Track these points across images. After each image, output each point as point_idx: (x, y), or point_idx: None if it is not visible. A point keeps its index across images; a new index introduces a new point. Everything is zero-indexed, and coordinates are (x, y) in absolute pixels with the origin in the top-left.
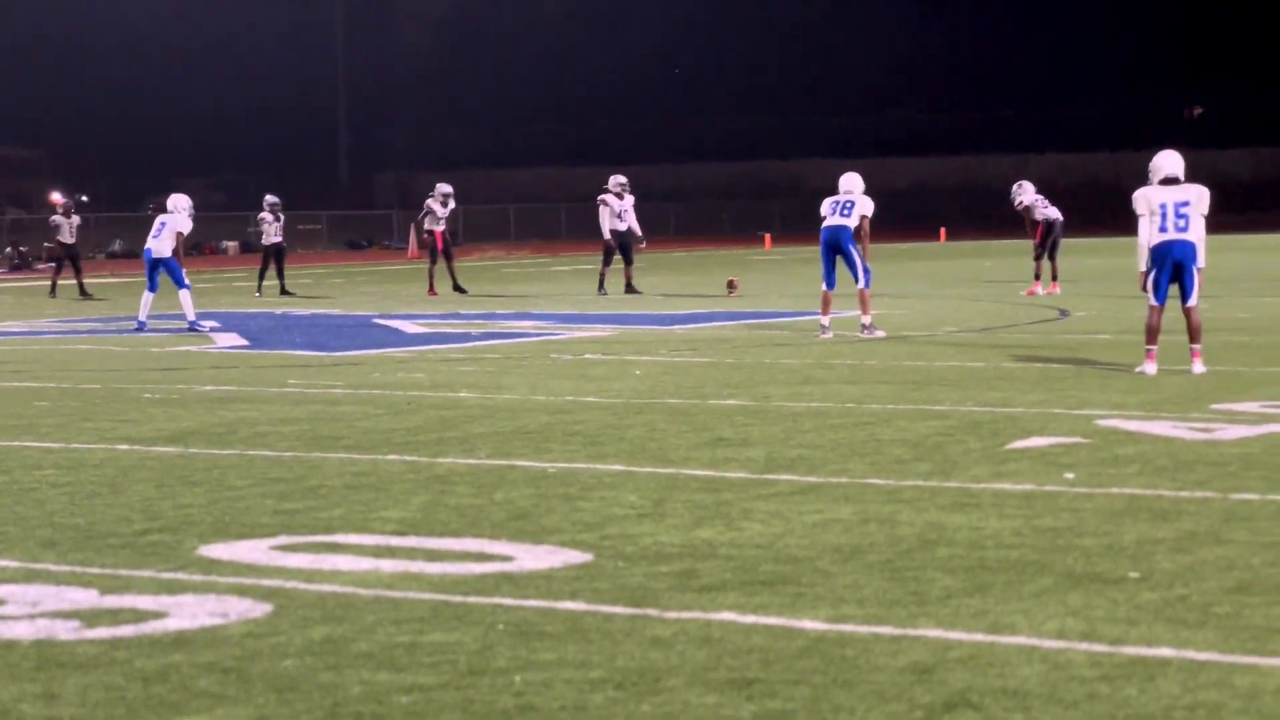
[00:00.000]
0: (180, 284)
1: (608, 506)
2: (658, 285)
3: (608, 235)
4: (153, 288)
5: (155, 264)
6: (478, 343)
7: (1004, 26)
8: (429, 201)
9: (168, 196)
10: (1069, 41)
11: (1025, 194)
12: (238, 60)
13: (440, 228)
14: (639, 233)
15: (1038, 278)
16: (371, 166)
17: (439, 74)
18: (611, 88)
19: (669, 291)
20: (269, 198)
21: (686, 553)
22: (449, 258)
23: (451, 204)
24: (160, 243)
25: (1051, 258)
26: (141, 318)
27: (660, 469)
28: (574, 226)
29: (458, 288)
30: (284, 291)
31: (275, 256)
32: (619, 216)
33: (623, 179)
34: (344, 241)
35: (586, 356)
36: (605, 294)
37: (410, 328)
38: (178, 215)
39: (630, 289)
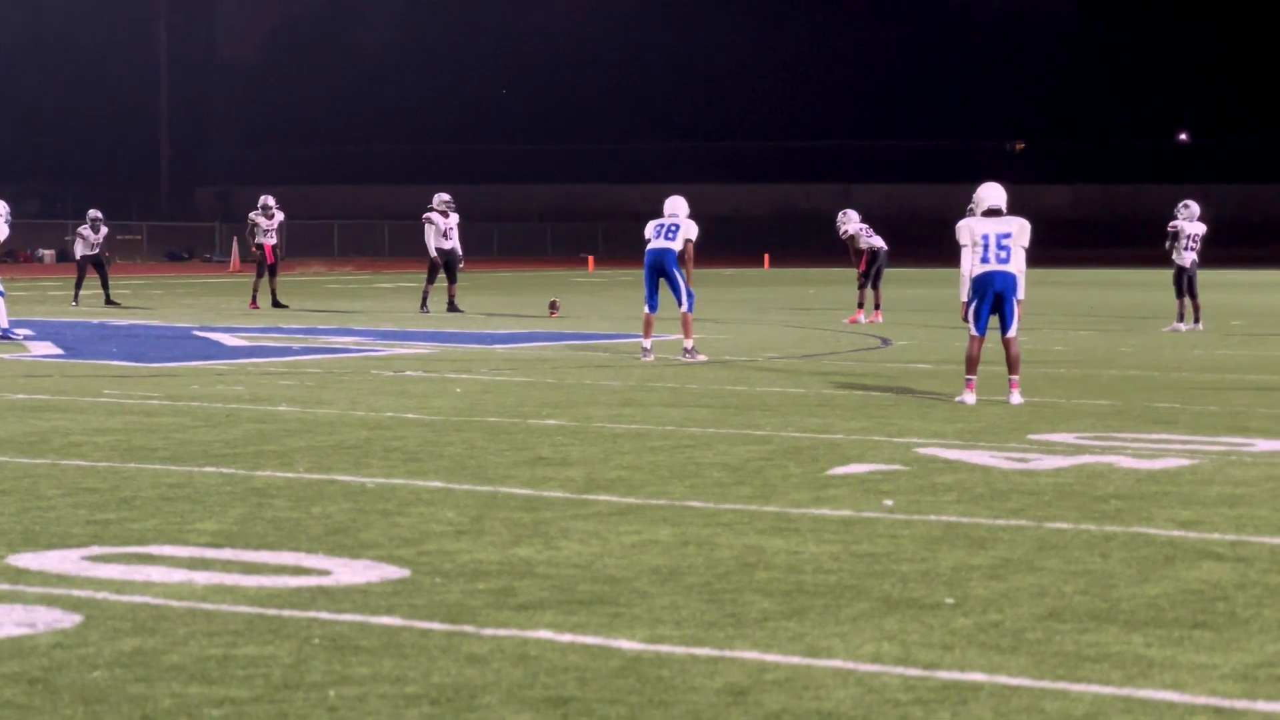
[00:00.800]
0: None
1: (426, 523)
2: (480, 304)
3: (433, 253)
4: None
5: None
6: (298, 357)
7: (830, 57)
8: (252, 215)
9: None
10: (894, 73)
11: (850, 223)
12: (55, 68)
13: (270, 240)
14: (460, 252)
15: (860, 306)
16: (193, 179)
17: (262, 89)
18: (437, 108)
19: (491, 311)
20: (91, 212)
21: (504, 570)
22: (273, 273)
23: (278, 215)
24: None
25: (875, 286)
26: None
27: (479, 486)
28: (397, 244)
29: (277, 303)
30: (109, 301)
31: (97, 267)
32: (444, 235)
33: (447, 197)
34: (164, 253)
35: (407, 373)
36: (428, 311)
37: (230, 340)
38: None
39: (453, 307)
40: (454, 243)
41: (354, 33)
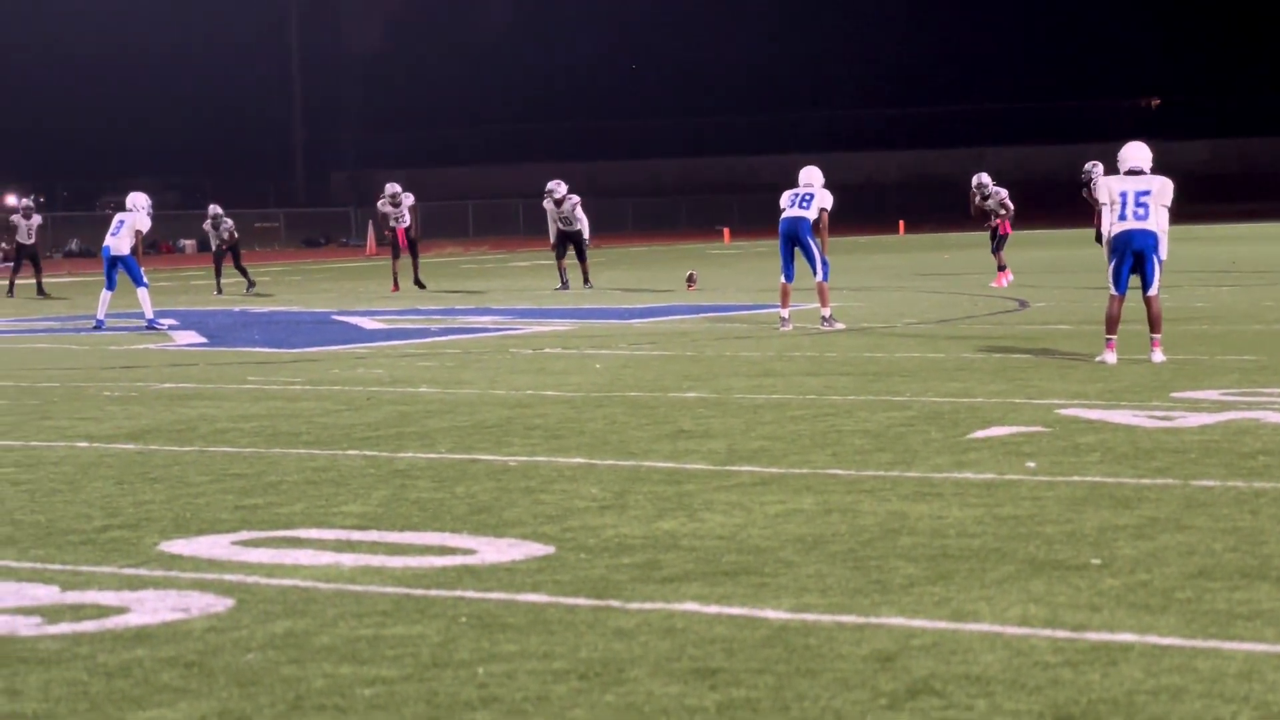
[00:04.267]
0: (138, 282)
1: (569, 499)
2: (616, 280)
3: (551, 236)
4: (111, 286)
5: (114, 262)
6: (437, 338)
7: (959, 21)
8: (380, 205)
9: (124, 195)
10: (1025, 34)
11: (990, 184)
12: (192, 60)
13: (402, 224)
14: (586, 231)
15: (1002, 269)
16: (327, 164)
17: (392, 73)
18: (569, 84)
19: (628, 286)
20: (211, 208)
21: (649, 544)
22: (414, 254)
23: (409, 199)
24: (119, 240)
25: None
26: (100, 316)
27: (621, 461)
28: (531, 222)
29: (418, 283)
30: (247, 282)
31: (231, 254)
32: (561, 220)
33: (552, 183)
34: (301, 239)
35: (546, 351)
36: (567, 288)
37: (369, 324)
38: (137, 213)
39: (586, 283)
40: (579, 225)
41: (478, 11)
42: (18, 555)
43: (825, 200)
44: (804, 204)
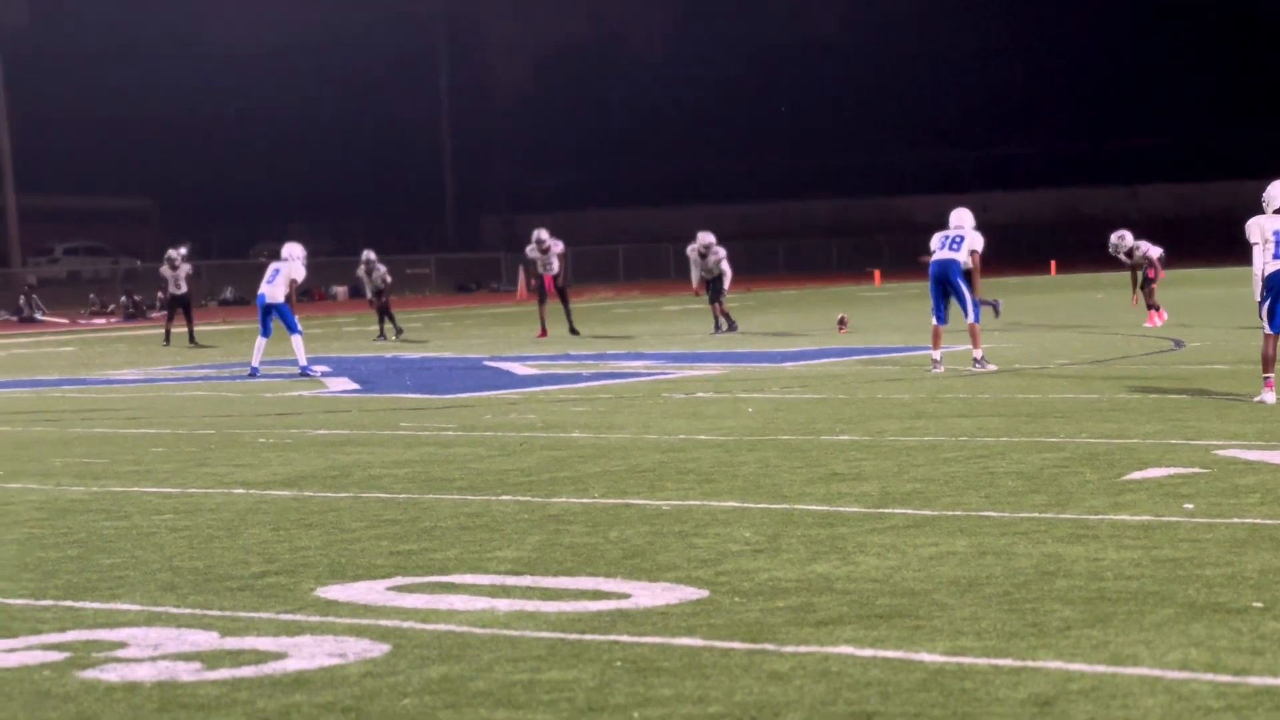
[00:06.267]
0: (293, 329)
1: (722, 543)
2: (768, 324)
3: (695, 281)
4: (265, 333)
5: (268, 309)
6: (589, 383)
7: (1109, 58)
8: (528, 250)
9: (277, 244)
10: (1176, 71)
11: (1129, 240)
12: (342, 106)
13: (550, 271)
14: (725, 284)
15: (1153, 308)
16: (478, 209)
17: (542, 115)
18: (717, 126)
19: (779, 330)
20: (364, 253)
21: (802, 587)
22: (564, 300)
23: (558, 246)
24: (274, 288)
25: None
26: (254, 363)
27: (774, 505)
28: (682, 266)
29: (573, 330)
30: (381, 335)
31: (379, 308)
32: (705, 269)
33: (702, 237)
34: (452, 284)
35: (698, 395)
36: (727, 330)
37: (521, 369)
38: (292, 262)
39: (718, 327)
40: (721, 274)
41: (624, 54)
42: (177, 601)
43: (976, 242)
44: (954, 246)
